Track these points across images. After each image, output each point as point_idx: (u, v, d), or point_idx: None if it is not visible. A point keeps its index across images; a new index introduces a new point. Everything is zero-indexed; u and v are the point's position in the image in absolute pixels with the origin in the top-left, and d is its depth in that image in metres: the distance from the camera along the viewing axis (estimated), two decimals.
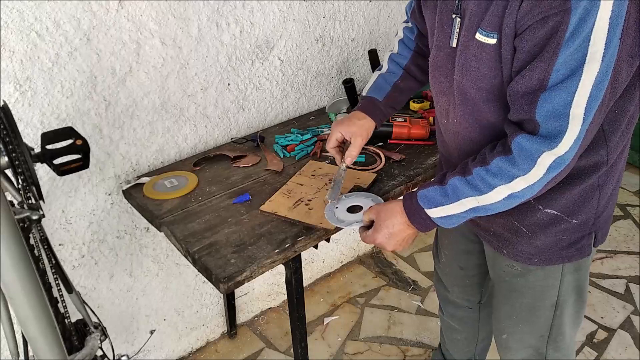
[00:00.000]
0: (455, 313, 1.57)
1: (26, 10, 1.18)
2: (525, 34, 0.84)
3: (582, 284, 1.16)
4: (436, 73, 1.07)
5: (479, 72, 0.94)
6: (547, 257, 1.09)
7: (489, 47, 0.90)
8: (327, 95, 1.94)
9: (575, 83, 0.82)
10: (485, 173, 0.93)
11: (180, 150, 1.60)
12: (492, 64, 0.92)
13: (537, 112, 0.85)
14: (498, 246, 1.15)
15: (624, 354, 1.91)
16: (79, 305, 1.16)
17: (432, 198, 1.01)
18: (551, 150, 0.86)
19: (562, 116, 0.84)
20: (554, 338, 1.22)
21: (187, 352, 1.94)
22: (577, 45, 0.80)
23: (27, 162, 0.84)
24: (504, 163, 0.91)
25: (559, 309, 1.17)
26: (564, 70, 0.82)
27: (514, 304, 1.21)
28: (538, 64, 0.84)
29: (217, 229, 1.24)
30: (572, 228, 1.05)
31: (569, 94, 0.83)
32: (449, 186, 0.98)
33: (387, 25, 2.01)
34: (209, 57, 1.54)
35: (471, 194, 0.96)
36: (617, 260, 2.35)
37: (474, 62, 0.94)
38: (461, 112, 1.03)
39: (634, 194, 2.80)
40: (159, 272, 1.72)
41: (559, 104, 0.84)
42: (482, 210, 0.97)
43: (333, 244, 2.26)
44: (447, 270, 1.50)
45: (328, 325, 2.07)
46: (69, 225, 1.45)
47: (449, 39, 0.99)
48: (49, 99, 1.29)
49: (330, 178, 1.40)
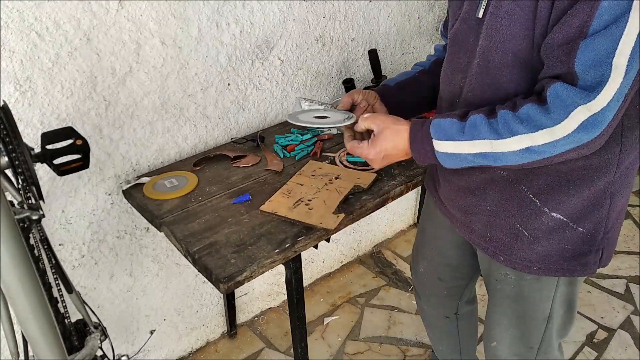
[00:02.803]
0: (434, 323, 1.54)
1: (26, 10, 1.18)
2: None
3: (573, 297, 1.13)
4: (455, 48, 1.02)
5: (510, 30, 0.88)
6: (547, 267, 1.04)
7: (524, 3, 0.85)
8: (327, 95, 1.94)
9: (620, 30, 0.76)
10: (510, 117, 0.86)
11: (180, 150, 1.60)
12: (524, 22, 0.86)
13: (577, 62, 0.79)
14: (494, 253, 1.09)
15: (624, 354, 1.91)
16: (79, 305, 1.16)
17: (446, 129, 0.92)
18: (587, 104, 0.79)
19: (604, 65, 0.78)
20: (544, 350, 1.19)
21: (187, 352, 1.94)
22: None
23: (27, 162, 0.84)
24: (535, 110, 0.83)
25: (550, 322, 1.14)
26: (607, 15, 0.76)
27: (506, 312, 1.18)
28: (580, 7, 0.78)
29: (217, 229, 1.24)
30: (577, 237, 1.00)
31: (613, 41, 0.77)
32: (469, 122, 0.90)
33: (387, 25, 2.01)
34: (209, 57, 1.54)
35: (488, 136, 0.88)
36: (617, 260, 2.35)
37: (505, 19, 0.88)
38: (478, 85, 0.97)
39: (634, 194, 2.80)
40: (159, 272, 1.72)
41: (601, 51, 0.77)
42: (491, 157, 0.89)
43: (333, 244, 2.26)
44: (424, 280, 1.45)
45: (328, 325, 2.07)
46: (69, 225, 1.45)
47: (475, 10, 0.95)
48: (49, 99, 1.29)
49: (331, 178, 1.40)
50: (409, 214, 2.61)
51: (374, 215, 2.36)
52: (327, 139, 1.64)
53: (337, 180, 1.39)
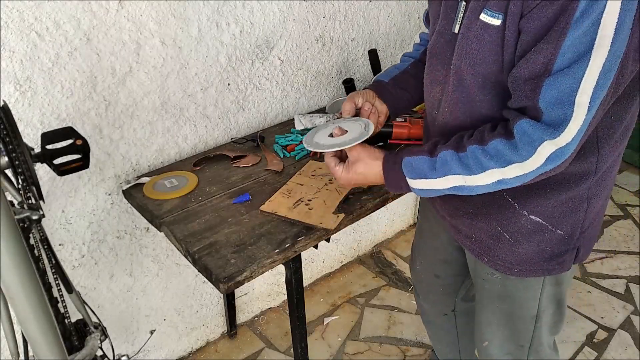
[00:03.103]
0: (432, 320, 1.56)
1: (26, 10, 1.18)
2: (532, 13, 0.80)
3: (562, 297, 1.14)
4: (433, 60, 1.03)
5: (479, 55, 0.90)
6: (527, 268, 1.07)
7: (493, 29, 0.86)
8: (327, 95, 1.94)
9: (582, 68, 0.78)
10: (480, 153, 0.88)
11: (180, 150, 1.60)
12: (493, 47, 0.88)
13: (541, 99, 0.81)
14: (479, 253, 1.12)
15: (624, 354, 1.91)
16: (79, 305, 1.16)
17: (417, 168, 0.96)
18: (553, 140, 0.82)
19: (566, 103, 0.80)
20: (535, 349, 1.21)
21: (187, 352, 1.94)
22: (586, 27, 0.75)
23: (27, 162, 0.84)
24: (504, 146, 0.86)
25: (539, 321, 1.15)
26: (570, 54, 0.78)
27: (495, 311, 1.20)
28: (544, 46, 0.79)
29: (217, 229, 1.24)
30: (556, 239, 1.03)
31: (575, 80, 0.78)
32: (439, 159, 0.93)
33: (387, 25, 2.01)
34: (209, 57, 1.54)
35: (460, 172, 0.91)
36: (617, 260, 2.35)
37: (475, 43, 0.90)
38: (454, 101, 0.98)
39: (634, 194, 2.80)
40: (159, 272, 1.72)
41: (565, 90, 0.79)
42: (466, 189, 0.93)
43: (333, 244, 2.26)
44: (421, 277, 1.47)
45: (328, 325, 2.07)
46: (69, 225, 1.45)
47: (451, 25, 0.95)
48: (49, 99, 1.29)
49: (330, 178, 1.40)
50: (409, 214, 2.61)
51: (374, 215, 2.36)
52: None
53: None
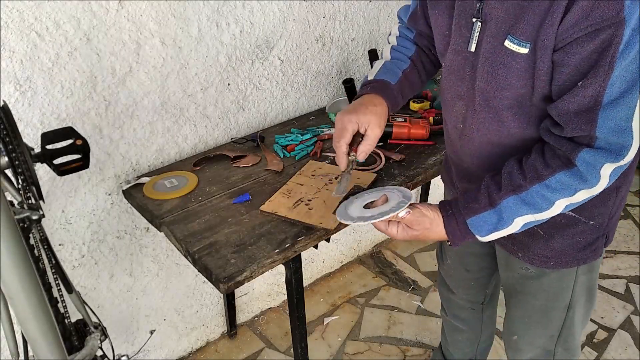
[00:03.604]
0: (458, 314, 1.57)
1: (26, 10, 1.18)
2: (571, 47, 0.80)
3: (593, 283, 1.16)
4: (452, 77, 1.04)
5: (506, 80, 0.91)
6: (563, 260, 1.09)
7: (520, 57, 0.87)
8: (327, 95, 1.94)
9: (634, 96, 0.80)
10: (545, 190, 0.89)
11: (180, 150, 1.60)
12: (522, 74, 0.89)
13: (598, 130, 0.83)
14: (513, 250, 1.14)
15: (624, 354, 1.91)
16: (79, 305, 1.16)
17: (486, 225, 0.95)
18: (616, 163, 0.85)
19: (625, 131, 0.82)
20: (565, 338, 1.22)
21: (187, 352, 1.94)
22: (632, 57, 0.77)
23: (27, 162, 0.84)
24: (569, 178, 0.87)
25: (571, 310, 1.17)
26: (619, 84, 0.79)
27: (527, 306, 1.21)
28: (592, 80, 0.80)
29: (217, 229, 1.24)
30: (589, 230, 1.05)
31: (629, 108, 0.81)
32: (504, 208, 0.93)
33: (387, 25, 2.01)
34: (209, 57, 1.54)
35: (528, 212, 0.92)
36: (617, 260, 2.35)
37: (501, 69, 0.91)
38: (481, 120, 1.00)
39: (634, 194, 2.80)
40: (159, 272, 1.72)
41: (620, 119, 0.81)
42: (534, 223, 0.95)
43: (333, 244, 2.26)
44: (451, 272, 1.49)
45: (328, 325, 2.07)
46: (69, 225, 1.45)
47: (467, 43, 0.96)
48: (49, 99, 1.29)
49: (331, 178, 1.40)
50: None
51: None
52: (327, 139, 1.64)
53: (337, 180, 1.39)
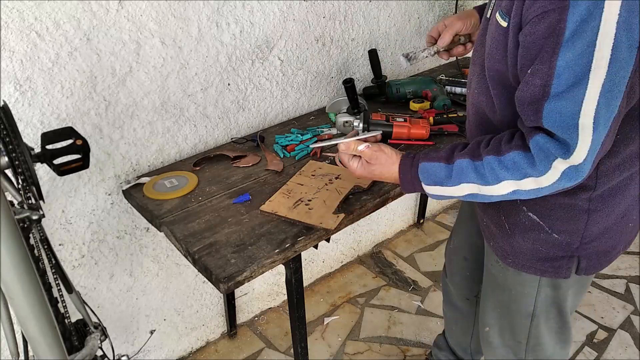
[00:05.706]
0: (454, 302, 1.60)
1: (26, 10, 1.18)
2: (527, 28, 0.80)
3: (562, 303, 1.14)
4: (477, 42, 1.05)
5: (491, 50, 0.92)
6: (520, 262, 1.09)
7: (502, 30, 0.88)
8: (327, 95, 1.94)
9: (581, 91, 0.77)
10: (497, 164, 0.89)
11: (180, 150, 1.60)
12: (500, 47, 0.89)
13: (544, 122, 0.82)
14: (488, 237, 1.17)
15: (624, 354, 1.91)
16: (79, 305, 1.16)
17: (434, 175, 0.96)
18: (565, 159, 0.82)
19: (570, 127, 0.80)
20: (532, 347, 1.22)
21: (187, 352, 1.94)
22: (581, 49, 0.75)
23: (27, 162, 0.84)
24: (521, 159, 0.86)
25: (535, 320, 1.17)
26: (567, 76, 0.77)
27: (497, 297, 1.23)
28: (539, 67, 0.80)
29: (217, 229, 1.24)
30: (552, 242, 1.03)
31: (575, 103, 0.78)
32: (455, 167, 0.93)
33: (387, 25, 2.01)
34: (209, 57, 1.54)
35: (475, 181, 0.92)
36: (617, 260, 2.34)
37: (490, 39, 0.93)
38: (479, 87, 1.01)
39: None
40: (159, 272, 1.72)
41: (566, 114, 0.79)
42: (479, 197, 0.94)
43: (333, 244, 2.26)
44: (452, 256, 1.54)
45: (328, 325, 2.07)
46: (69, 225, 1.45)
47: (490, 10, 0.98)
48: (49, 99, 1.29)
49: (331, 178, 1.40)
50: (409, 214, 2.61)
51: (374, 215, 2.36)
52: (327, 139, 1.64)
53: (337, 180, 1.40)
